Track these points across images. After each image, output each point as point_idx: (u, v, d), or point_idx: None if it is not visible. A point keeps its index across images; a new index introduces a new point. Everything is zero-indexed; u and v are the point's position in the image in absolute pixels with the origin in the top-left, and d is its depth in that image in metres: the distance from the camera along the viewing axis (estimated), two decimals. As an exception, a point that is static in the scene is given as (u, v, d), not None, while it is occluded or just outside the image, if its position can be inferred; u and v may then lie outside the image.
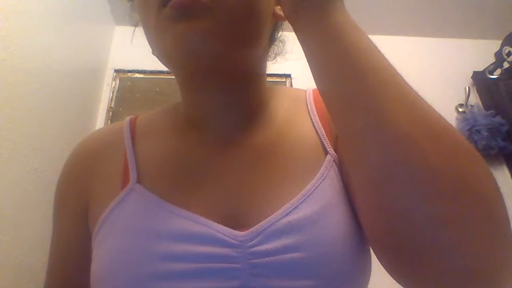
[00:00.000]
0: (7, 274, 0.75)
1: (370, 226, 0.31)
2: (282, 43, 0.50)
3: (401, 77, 0.29)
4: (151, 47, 0.41)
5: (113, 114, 1.39)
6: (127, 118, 0.48)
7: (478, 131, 1.35)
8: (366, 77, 0.28)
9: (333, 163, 0.39)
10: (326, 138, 0.41)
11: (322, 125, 0.42)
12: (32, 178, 0.87)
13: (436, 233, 0.25)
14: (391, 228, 0.28)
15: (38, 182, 0.87)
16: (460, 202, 0.25)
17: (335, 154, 0.40)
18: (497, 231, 0.26)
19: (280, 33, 0.48)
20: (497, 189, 0.27)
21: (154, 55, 0.42)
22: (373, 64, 0.29)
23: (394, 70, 0.30)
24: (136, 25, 0.48)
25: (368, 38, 0.31)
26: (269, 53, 0.49)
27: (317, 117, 0.43)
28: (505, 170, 1.40)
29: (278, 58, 0.52)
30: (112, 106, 1.41)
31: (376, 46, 0.31)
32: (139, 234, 0.35)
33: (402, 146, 0.26)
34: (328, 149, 0.40)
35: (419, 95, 0.29)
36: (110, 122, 1.37)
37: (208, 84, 0.41)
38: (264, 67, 0.46)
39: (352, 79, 0.29)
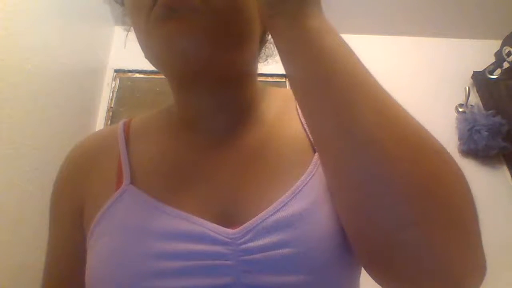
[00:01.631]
0: (7, 274, 0.75)
1: (345, 227, 0.33)
2: (273, 45, 0.50)
3: (375, 81, 0.30)
4: (143, 51, 0.41)
5: (113, 114, 1.39)
6: (121, 121, 0.49)
7: (478, 131, 1.35)
8: (337, 82, 0.29)
9: None
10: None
11: None
12: (32, 178, 0.87)
13: (403, 235, 0.26)
14: (361, 230, 0.29)
15: (38, 182, 0.88)
16: (426, 205, 0.26)
17: None
18: (464, 232, 0.26)
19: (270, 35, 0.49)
20: (466, 190, 0.28)
21: (147, 58, 0.42)
22: (345, 68, 0.30)
23: (368, 74, 0.30)
24: (128, 30, 0.49)
25: (344, 42, 0.31)
26: (260, 55, 0.49)
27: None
28: (505, 170, 1.40)
29: (272, 60, 0.52)
30: (112, 106, 1.41)
31: (351, 51, 0.31)
32: (133, 233, 0.35)
33: (369, 150, 0.27)
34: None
35: (391, 99, 0.29)
36: (110, 122, 1.38)
37: (198, 86, 0.41)
38: (255, 68, 0.46)
39: (322, 84, 0.30)
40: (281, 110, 0.45)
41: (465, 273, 0.27)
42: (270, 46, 0.50)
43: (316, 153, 0.40)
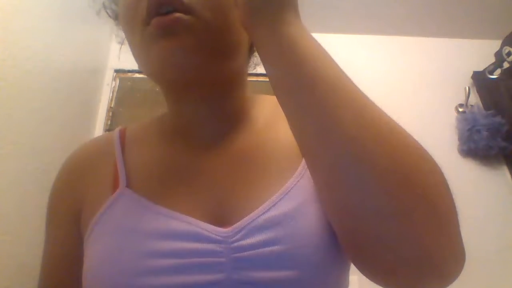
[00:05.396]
0: (7, 274, 0.75)
1: (331, 222, 0.34)
2: None
3: (353, 85, 0.32)
4: (137, 62, 0.43)
5: (113, 114, 1.39)
6: (117, 129, 0.51)
7: (478, 131, 1.35)
8: (316, 87, 0.30)
9: None
10: None
11: None
12: (32, 178, 0.87)
13: (383, 227, 0.28)
14: (345, 222, 0.31)
15: (38, 182, 0.87)
16: (405, 199, 0.28)
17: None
18: (441, 223, 0.28)
19: None
20: (442, 182, 0.29)
21: (140, 69, 0.44)
22: (324, 73, 0.31)
23: (345, 78, 0.32)
24: (122, 43, 0.51)
25: (321, 49, 0.33)
26: (249, 64, 0.52)
27: None
28: (505, 170, 1.40)
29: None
30: (112, 106, 1.41)
31: (329, 56, 0.33)
32: (129, 233, 0.37)
33: (350, 149, 0.29)
34: None
35: (369, 101, 0.31)
36: (110, 122, 1.38)
37: (191, 95, 0.44)
38: (244, 77, 0.49)
39: (302, 92, 0.31)
40: (271, 116, 0.47)
41: (445, 261, 0.28)
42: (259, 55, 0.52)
43: None
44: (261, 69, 0.52)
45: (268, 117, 0.47)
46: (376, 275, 0.31)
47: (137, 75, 1.47)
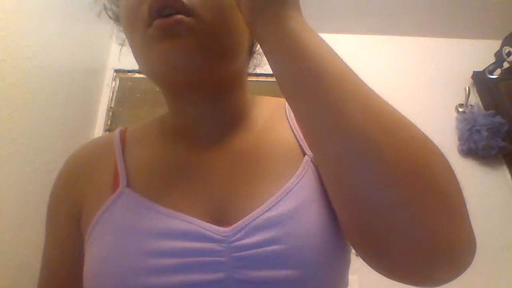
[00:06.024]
0: (7, 274, 0.75)
1: (340, 216, 0.34)
2: (260, 55, 0.53)
3: (357, 78, 0.32)
4: (138, 64, 0.43)
5: (113, 114, 1.39)
6: (117, 129, 0.51)
7: (478, 131, 1.35)
8: (321, 81, 0.31)
9: (311, 163, 0.41)
10: (304, 140, 0.43)
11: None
12: (32, 178, 0.87)
13: (394, 216, 0.28)
14: (355, 215, 0.31)
15: (38, 182, 0.88)
16: (414, 187, 0.28)
17: (312, 154, 0.42)
18: (451, 211, 0.28)
19: (258, 46, 0.51)
20: (449, 169, 0.30)
21: (141, 70, 0.44)
22: (329, 68, 0.31)
23: (350, 71, 0.32)
24: (122, 44, 0.51)
25: (325, 43, 0.33)
26: (249, 65, 0.52)
27: (295, 122, 0.46)
28: (505, 170, 1.40)
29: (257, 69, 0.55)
30: (112, 106, 1.41)
31: (332, 50, 0.33)
32: (129, 233, 0.37)
33: (359, 141, 0.29)
34: (306, 150, 0.42)
35: (374, 93, 0.31)
36: (110, 122, 1.38)
37: (191, 96, 0.44)
38: (244, 78, 0.49)
39: (309, 84, 0.31)
40: (271, 117, 0.48)
41: (456, 248, 0.28)
42: (258, 57, 0.53)
43: (306, 156, 0.42)
44: (260, 70, 0.53)
45: (268, 118, 0.48)
46: (386, 268, 0.31)
47: (137, 75, 1.47)
